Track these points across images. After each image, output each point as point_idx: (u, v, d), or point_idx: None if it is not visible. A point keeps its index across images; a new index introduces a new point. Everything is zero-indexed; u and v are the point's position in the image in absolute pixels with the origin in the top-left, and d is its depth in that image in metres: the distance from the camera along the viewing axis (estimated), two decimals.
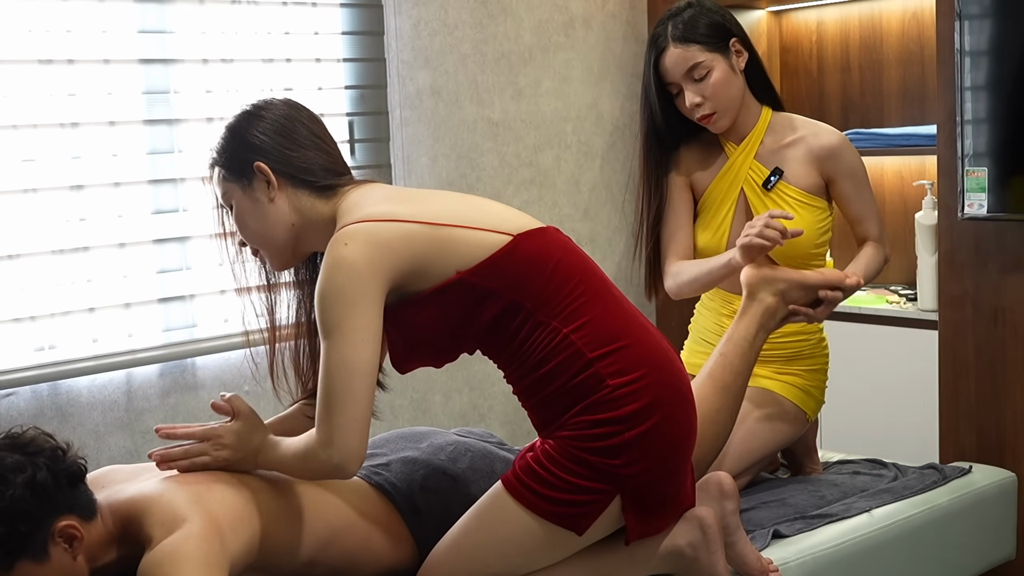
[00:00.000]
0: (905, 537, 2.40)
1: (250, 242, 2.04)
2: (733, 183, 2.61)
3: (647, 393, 1.90)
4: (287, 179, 1.98)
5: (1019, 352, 3.28)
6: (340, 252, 1.85)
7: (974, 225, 3.31)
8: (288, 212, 1.98)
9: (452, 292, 1.90)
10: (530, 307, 1.90)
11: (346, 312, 1.84)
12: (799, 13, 4.10)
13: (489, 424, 3.82)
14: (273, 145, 1.98)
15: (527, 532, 1.91)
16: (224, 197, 2.04)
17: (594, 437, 1.88)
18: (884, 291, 3.77)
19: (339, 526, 2.01)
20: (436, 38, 3.67)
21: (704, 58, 2.52)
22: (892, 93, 3.90)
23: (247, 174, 1.98)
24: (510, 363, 1.96)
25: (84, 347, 3.03)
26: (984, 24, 3.20)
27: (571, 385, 1.89)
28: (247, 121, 2.01)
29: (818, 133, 2.60)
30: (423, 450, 2.21)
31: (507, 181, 3.87)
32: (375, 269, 1.85)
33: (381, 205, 1.92)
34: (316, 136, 2.02)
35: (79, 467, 1.87)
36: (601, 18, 4.09)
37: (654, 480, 1.92)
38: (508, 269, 1.90)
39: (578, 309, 1.91)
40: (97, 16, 3.04)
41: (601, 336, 1.91)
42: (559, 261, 1.94)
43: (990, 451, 3.32)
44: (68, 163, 3.00)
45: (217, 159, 2.03)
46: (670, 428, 1.92)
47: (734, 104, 2.55)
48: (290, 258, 2.04)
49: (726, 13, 2.59)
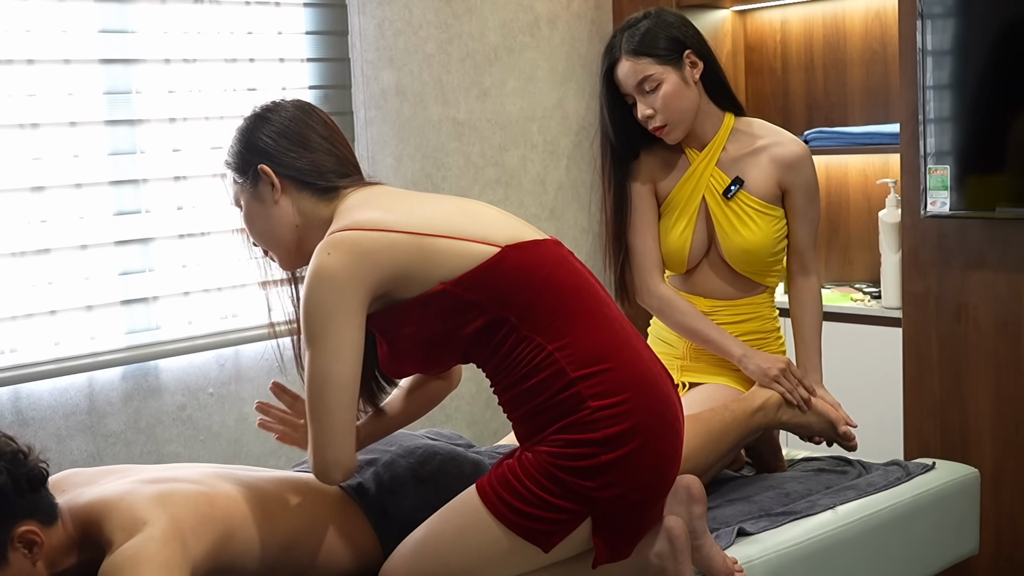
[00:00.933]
0: (869, 533, 2.41)
1: (258, 242, 2.08)
2: (695, 190, 2.62)
3: (628, 418, 1.87)
4: (290, 181, 2.00)
5: (982, 349, 3.30)
6: (322, 262, 1.87)
7: (937, 223, 3.34)
8: (292, 214, 2.01)
9: (435, 303, 1.89)
10: (515, 321, 1.88)
11: (324, 325, 1.85)
12: (763, 12, 4.12)
13: (455, 425, 3.81)
14: (277, 148, 2.00)
15: (493, 541, 1.89)
16: (235, 199, 2.07)
17: (571, 456, 1.86)
18: (848, 289, 3.80)
19: (303, 528, 2.00)
20: (400, 38, 3.66)
21: (654, 71, 2.52)
22: (856, 92, 3.93)
23: (253, 176, 2.01)
24: (495, 374, 1.95)
25: (45, 350, 3.00)
26: (946, 23, 3.22)
27: (553, 403, 1.88)
28: (254, 124, 2.04)
29: (782, 142, 2.61)
30: (392, 452, 2.21)
31: (473, 181, 3.86)
32: (356, 280, 1.86)
33: (369, 211, 1.92)
34: (324, 138, 2.04)
35: (41, 471, 1.85)
36: (566, 18, 4.10)
37: (628, 507, 1.89)
38: (493, 281, 1.89)
39: (565, 326, 1.89)
40: (57, 15, 3.01)
41: (586, 356, 1.89)
42: (549, 275, 1.92)
43: (953, 447, 3.35)
44: (28, 164, 2.97)
45: (228, 162, 2.06)
46: (650, 456, 1.89)
47: (686, 116, 2.56)
48: (296, 258, 2.06)
49: (682, 24, 2.57)
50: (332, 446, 1.89)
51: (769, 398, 2.54)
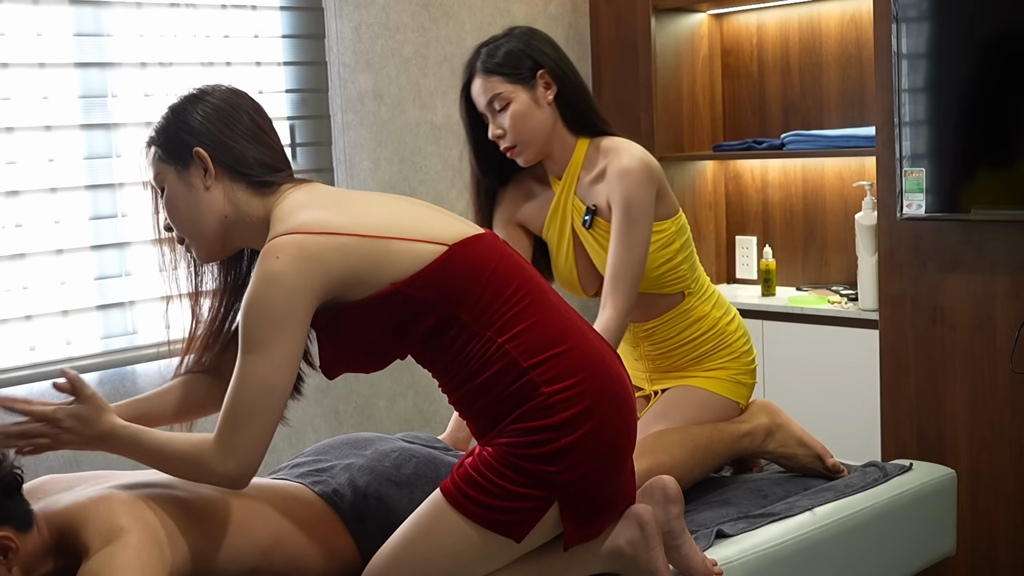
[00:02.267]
0: (847, 534, 2.42)
1: (179, 229, 1.98)
2: (563, 222, 2.58)
3: (583, 399, 1.88)
4: (225, 169, 1.93)
5: (957, 350, 3.32)
6: (271, 266, 1.82)
7: (913, 225, 3.36)
8: (222, 203, 1.93)
9: (386, 303, 1.88)
10: (465, 319, 1.88)
11: (271, 331, 1.81)
12: (739, 16, 4.13)
13: (434, 428, 3.81)
14: (213, 131, 1.93)
15: (465, 540, 1.89)
16: (156, 178, 1.97)
17: (530, 444, 1.87)
18: (825, 291, 3.81)
19: (281, 534, 1.99)
20: (378, 41, 3.66)
21: (503, 89, 2.46)
22: (831, 95, 3.94)
23: (184, 158, 1.93)
24: (445, 374, 1.94)
25: (21, 355, 2.98)
26: (921, 27, 3.24)
27: (506, 394, 1.88)
28: (190, 104, 1.96)
29: (618, 156, 2.49)
30: (368, 456, 2.20)
31: (450, 184, 3.86)
32: (306, 285, 1.82)
33: (316, 213, 1.89)
34: (259, 128, 1.98)
35: (14, 477, 1.83)
36: (543, 21, 4.10)
37: (592, 486, 1.91)
38: (443, 280, 1.88)
39: (514, 318, 1.90)
40: (32, 19, 2.99)
41: (537, 344, 1.89)
42: (495, 270, 1.92)
43: (930, 448, 3.37)
44: (3, 168, 2.95)
45: (155, 138, 1.97)
46: (607, 433, 1.91)
47: (536, 137, 2.48)
48: (219, 251, 1.99)
49: (537, 44, 2.50)
50: (258, 454, 1.84)
51: (757, 425, 2.56)
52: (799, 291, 3.90)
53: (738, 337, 2.64)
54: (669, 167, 4.06)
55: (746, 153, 3.94)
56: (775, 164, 4.07)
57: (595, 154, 2.53)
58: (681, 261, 2.56)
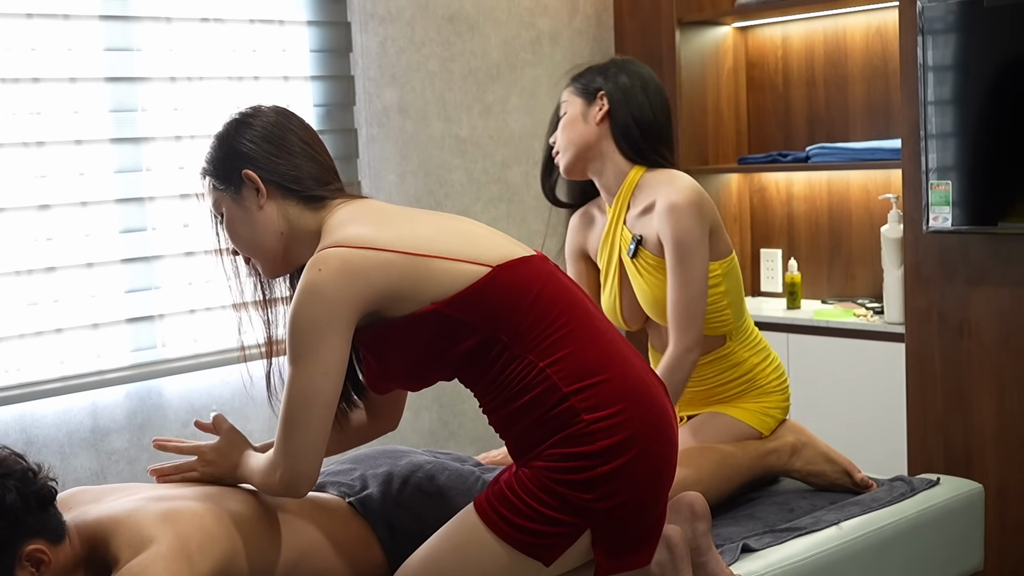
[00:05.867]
0: (874, 549, 2.41)
1: (241, 250, 2.03)
2: (611, 251, 2.63)
3: (624, 428, 1.87)
4: (275, 187, 1.98)
5: (985, 364, 3.31)
6: (313, 277, 1.85)
7: (939, 238, 3.35)
8: (277, 220, 1.98)
9: (426, 322, 1.89)
10: (506, 340, 1.88)
11: (312, 343, 1.85)
12: (764, 29, 4.13)
13: (459, 441, 3.82)
14: (261, 153, 1.98)
15: (493, 558, 1.89)
16: (215, 206, 2.03)
17: (568, 470, 1.86)
18: (851, 304, 3.80)
19: (310, 545, 2.00)
20: (403, 55, 3.68)
21: (567, 98, 2.62)
22: (857, 107, 3.94)
23: (235, 182, 1.98)
24: (485, 394, 1.95)
25: (51, 368, 3.01)
26: (947, 39, 3.24)
27: (546, 418, 1.88)
28: (236, 129, 2.01)
29: (667, 191, 2.52)
30: (401, 466, 2.21)
31: (475, 198, 3.87)
32: (346, 298, 1.85)
33: (362, 228, 1.91)
34: (305, 144, 2.02)
35: (49, 489, 1.85)
36: (568, 35, 4.11)
37: (626, 517, 1.89)
38: (485, 301, 1.89)
39: (557, 342, 1.89)
40: (63, 34, 3.03)
41: (579, 370, 1.88)
42: (539, 293, 1.91)
43: (957, 462, 3.35)
44: (34, 182, 2.98)
45: (207, 168, 2.03)
46: (645, 465, 1.89)
47: (571, 146, 2.59)
48: (281, 266, 2.04)
49: (617, 70, 2.60)
50: (308, 461, 1.88)
51: (783, 443, 2.56)
52: (824, 304, 3.89)
53: (772, 379, 2.64)
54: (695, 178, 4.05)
55: (771, 166, 3.94)
56: (800, 177, 4.06)
57: (646, 185, 2.57)
58: (725, 305, 2.58)
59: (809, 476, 2.59)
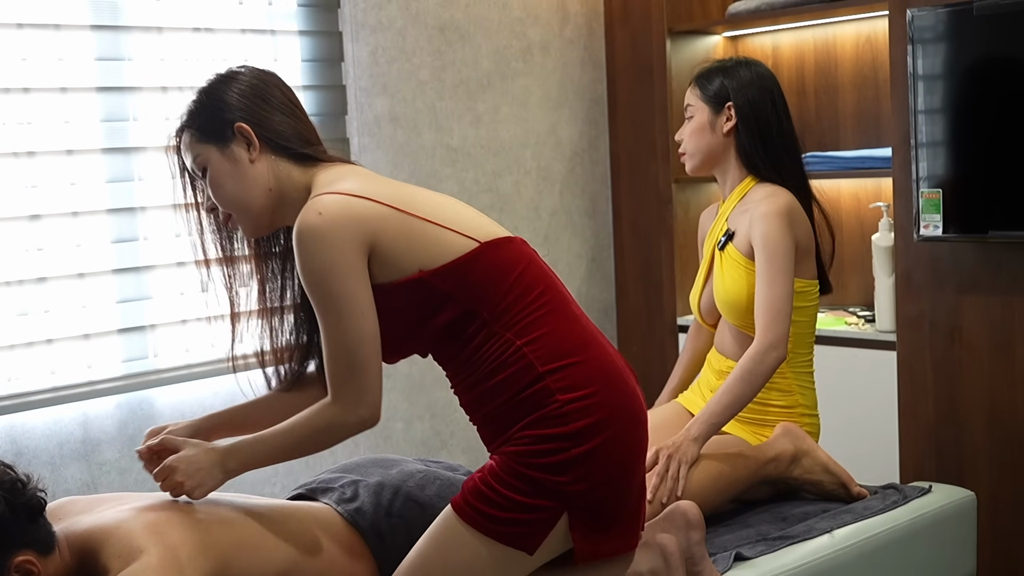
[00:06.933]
0: (866, 557, 2.41)
1: (225, 206, 2.00)
2: (711, 244, 2.76)
3: (597, 411, 1.88)
4: (266, 142, 1.96)
5: (976, 371, 3.31)
6: (315, 223, 1.84)
7: (930, 246, 3.35)
8: (267, 176, 1.96)
9: (411, 290, 1.89)
10: (486, 316, 1.89)
11: (337, 284, 1.84)
12: (755, 38, 4.14)
13: (451, 451, 3.81)
14: (251, 107, 1.96)
15: (477, 554, 1.89)
16: (197, 160, 1.99)
17: (541, 453, 1.86)
18: (842, 312, 3.81)
19: (300, 555, 2.00)
20: (394, 65, 3.68)
21: (693, 103, 2.75)
22: (847, 116, 3.95)
23: (225, 135, 1.96)
24: (460, 371, 1.95)
25: (42, 379, 3.00)
26: (937, 48, 3.25)
27: (520, 398, 1.88)
28: (223, 84, 2.00)
29: (766, 202, 2.62)
30: (392, 476, 2.21)
31: None
32: (352, 240, 1.85)
33: (360, 182, 1.92)
34: (291, 103, 2.02)
35: (39, 500, 1.84)
36: (559, 44, 4.12)
37: (601, 499, 1.90)
38: (470, 275, 1.90)
39: (535, 322, 1.91)
40: (54, 44, 3.02)
41: (555, 350, 1.90)
42: (522, 273, 1.93)
43: (949, 470, 3.35)
44: (25, 193, 2.97)
45: (191, 121, 2.00)
46: (618, 447, 1.90)
47: (697, 154, 2.75)
48: (266, 225, 2.01)
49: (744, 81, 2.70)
50: (379, 390, 1.90)
51: (783, 451, 2.56)
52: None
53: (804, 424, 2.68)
54: (686, 189, 4.07)
55: None
56: None
57: (752, 196, 2.68)
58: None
59: (805, 485, 2.59)
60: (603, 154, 4.27)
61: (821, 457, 2.59)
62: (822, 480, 2.58)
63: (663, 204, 4.08)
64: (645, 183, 4.15)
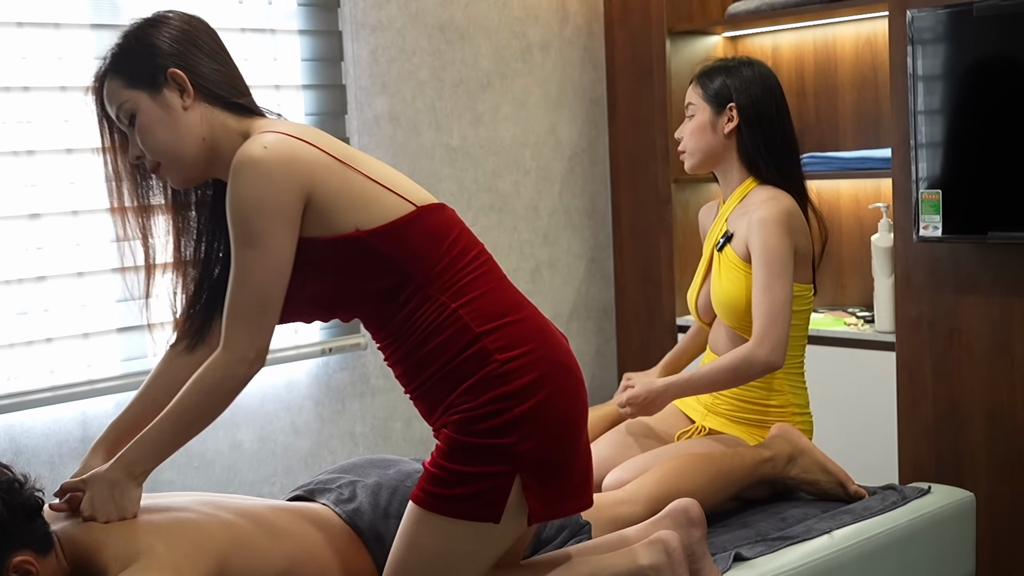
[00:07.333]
0: (866, 558, 2.41)
1: (155, 155, 1.91)
2: (711, 242, 2.76)
3: (536, 367, 1.87)
4: (199, 90, 1.90)
5: (975, 372, 3.31)
6: (258, 154, 1.80)
7: (929, 247, 3.35)
8: (200, 124, 1.90)
9: (345, 247, 1.86)
10: (420, 280, 1.87)
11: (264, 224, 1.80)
12: (754, 38, 4.14)
13: None
14: (183, 52, 1.89)
15: (447, 538, 1.87)
16: (124, 107, 1.90)
17: (483, 417, 1.84)
18: (842, 313, 3.81)
19: (299, 556, 2.00)
20: (394, 64, 3.68)
21: (695, 101, 2.74)
22: (847, 117, 3.95)
23: (156, 81, 1.88)
24: (394, 338, 1.91)
25: (41, 378, 3.00)
26: (936, 49, 3.25)
27: (457, 361, 1.86)
28: (152, 28, 1.91)
29: (765, 206, 2.61)
30: (390, 476, 2.21)
31: (466, 206, 3.87)
32: (293, 184, 1.81)
33: (303, 131, 1.88)
34: (220, 49, 1.96)
35: (36, 500, 1.84)
36: (558, 44, 4.12)
37: (549, 458, 1.87)
38: (406, 239, 1.87)
39: (469, 284, 1.89)
40: (53, 43, 3.02)
41: (491, 311, 1.88)
42: (456, 238, 1.92)
43: (948, 471, 3.36)
44: (25, 191, 2.97)
45: (118, 66, 1.90)
46: (559, 404, 1.88)
47: (699, 152, 2.74)
48: (197, 176, 1.95)
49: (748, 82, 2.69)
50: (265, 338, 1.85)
51: (780, 451, 2.57)
52: (815, 313, 3.89)
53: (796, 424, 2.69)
54: (685, 189, 4.07)
55: None
56: None
57: (752, 198, 2.67)
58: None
59: (803, 484, 2.60)
60: (602, 154, 4.27)
61: (817, 456, 2.59)
62: (819, 479, 2.58)
63: (662, 204, 4.08)
64: (644, 183, 4.15)
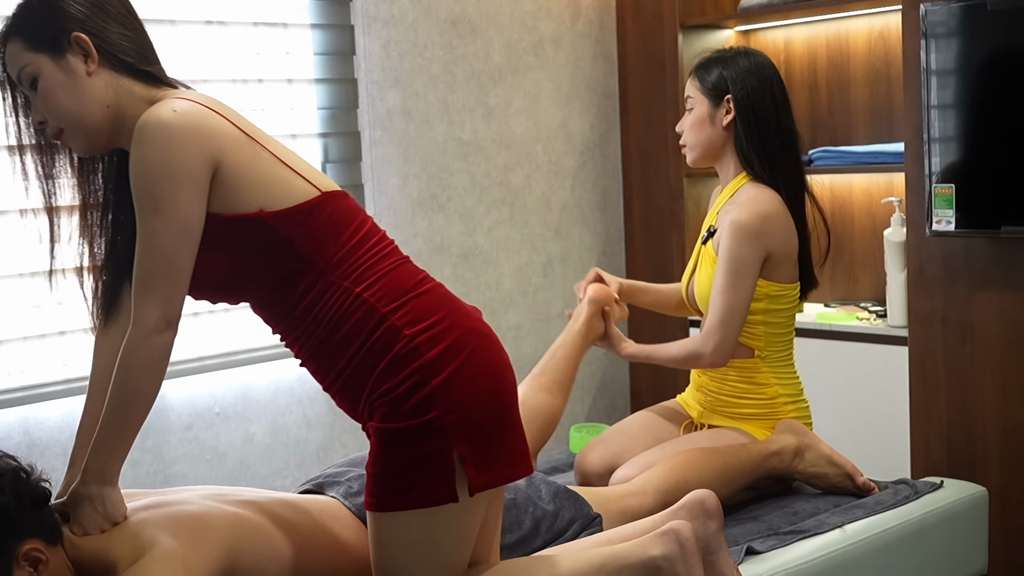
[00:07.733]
0: (878, 552, 2.41)
1: (58, 121, 1.87)
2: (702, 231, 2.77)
3: (447, 335, 1.85)
4: (105, 56, 1.86)
5: (988, 367, 3.30)
6: (167, 117, 1.76)
7: (942, 241, 3.34)
8: (104, 91, 1.86)
9: (247, 227, 1.83)
10: (322, 267, 1.85)
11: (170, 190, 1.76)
12: (767, 32, 4.13)
13: None
14: (89, 16, 1.85)
15: (411, 530, 1.85)
16: (25, 71, 1.85)
17: (404, 396, 1.81)
18: (854, 308, 3.80)
19: (309, 549, 2.00)
20: (406, 58, 3.68)
21: (694, 95, 2.73)
22: (860, 111, 3.93)
23: (60, 45, 1.83)
24: (300, 331, 1.89)
25: (54, 371, 3.01)
26: (950, 43, 3.24)
27: (368, 345, 1.84)
28: None
29: (744, 208, 2.61)
30: None
31: (478, 201, 3.87)
32: (201, 152, 1.78)
33: (214, 103, 1.86)
34: (130, 14, 1.92)
35: (43, 490, 1.85)
36: (571, 38, 4.11)
37: (477, 425, 1.85)
38: (309, 224, 1.85)
39: (371, 267, 1.88)
40: None
41: (394, 290, 1.87)
42: (359, 225, 1.91)
43: (961, 466, 3.35)
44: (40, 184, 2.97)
45: (19, 28, 1.85)
46: (480, 366, 1.86)
47: (699, 146, 2.73)
48: (101, 144, 1.91)
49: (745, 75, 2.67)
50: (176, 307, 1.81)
51: (787, 445, 2.56)
52: (827, 308, 3.89)
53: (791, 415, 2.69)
54: (696, 183, 4.06)
55: None
56: None
57: (739, 196, 2.67)
58: (759, 321, 2.65)
59: (811, 478, 2.59)
60: (614, 148, 4.26)
61: (824, 450, 2.59)
62: (827, 472, 2.58)
63: (674, 198, 4.07)
64: (656, 177, 4.15)
